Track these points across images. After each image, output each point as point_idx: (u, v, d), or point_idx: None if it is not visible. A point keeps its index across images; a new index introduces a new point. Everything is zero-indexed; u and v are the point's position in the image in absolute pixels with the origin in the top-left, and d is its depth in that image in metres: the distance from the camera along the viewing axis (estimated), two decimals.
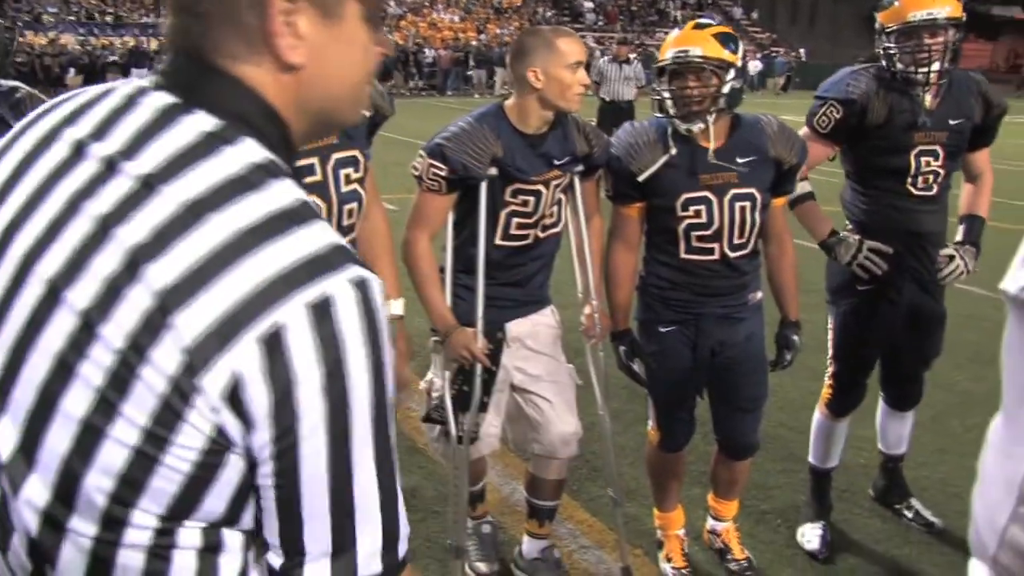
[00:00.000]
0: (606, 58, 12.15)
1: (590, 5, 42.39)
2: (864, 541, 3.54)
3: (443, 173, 2.67)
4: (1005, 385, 1.03)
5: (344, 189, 2.27)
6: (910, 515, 3.65)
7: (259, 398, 0.81)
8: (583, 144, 2.87)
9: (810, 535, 3.46)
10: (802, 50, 41.97)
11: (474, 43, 34.70)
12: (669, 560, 3.29)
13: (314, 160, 2.20)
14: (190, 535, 0.88)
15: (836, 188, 3.50)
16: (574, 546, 3.45)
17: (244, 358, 0.80)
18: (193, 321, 0.80)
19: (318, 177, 2.21)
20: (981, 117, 3.22)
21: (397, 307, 2.58)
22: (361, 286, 0.85)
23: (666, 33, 2.88)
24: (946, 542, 3.50)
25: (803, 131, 3.25)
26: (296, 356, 0.81)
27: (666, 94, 2.81)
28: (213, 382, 0.80)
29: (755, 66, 34.09)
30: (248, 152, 0.89)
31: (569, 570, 3.29)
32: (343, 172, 2.27)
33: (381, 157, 2.93)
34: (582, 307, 3.03)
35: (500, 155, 2.70)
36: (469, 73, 32.24)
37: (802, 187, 3.23)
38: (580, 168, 2.89)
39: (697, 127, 2.78)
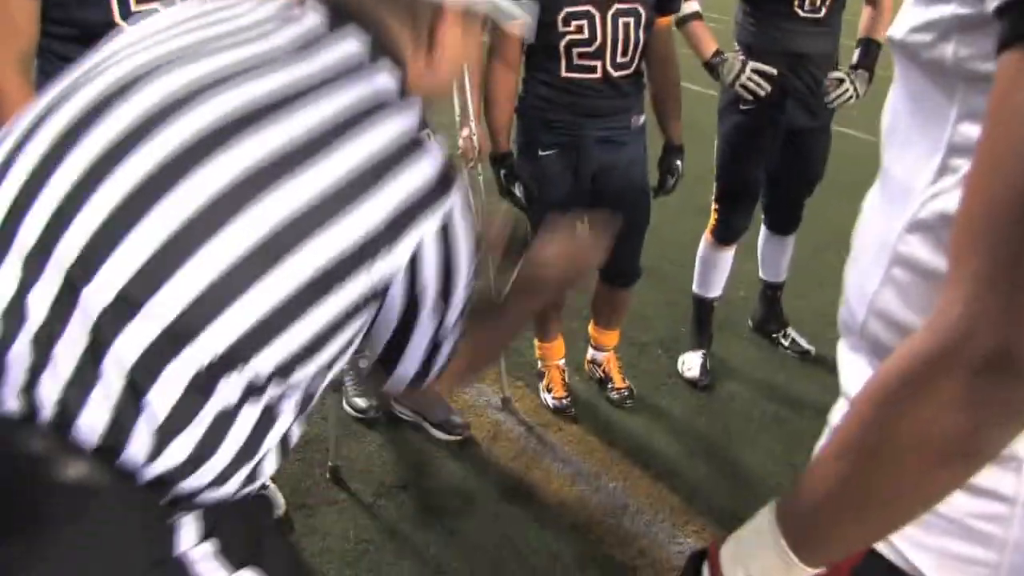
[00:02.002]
0: None
1: None
2: (742, 368, 3.59)
3: None
4: (884, 143, 0.94)
5: None
6: (786, 343, 3.71)
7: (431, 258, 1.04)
8: None
9: (691, 363, 3.49)
10: None
11: None
12: (550, 390, 3.27)
13: None
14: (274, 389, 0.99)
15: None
16: None
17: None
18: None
19: None
20: None
21: None
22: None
23: None
24: (819, 367, 3.57)
25: None
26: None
27: None
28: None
29: None
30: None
31: (449, 402, 3.24)
32: None
33: None
34: (460, 130, 2.89)
35: None
36: None
37: (689, 6, 3.11)
38: None
39: None
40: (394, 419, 3.15)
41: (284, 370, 0.97)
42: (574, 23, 2.69)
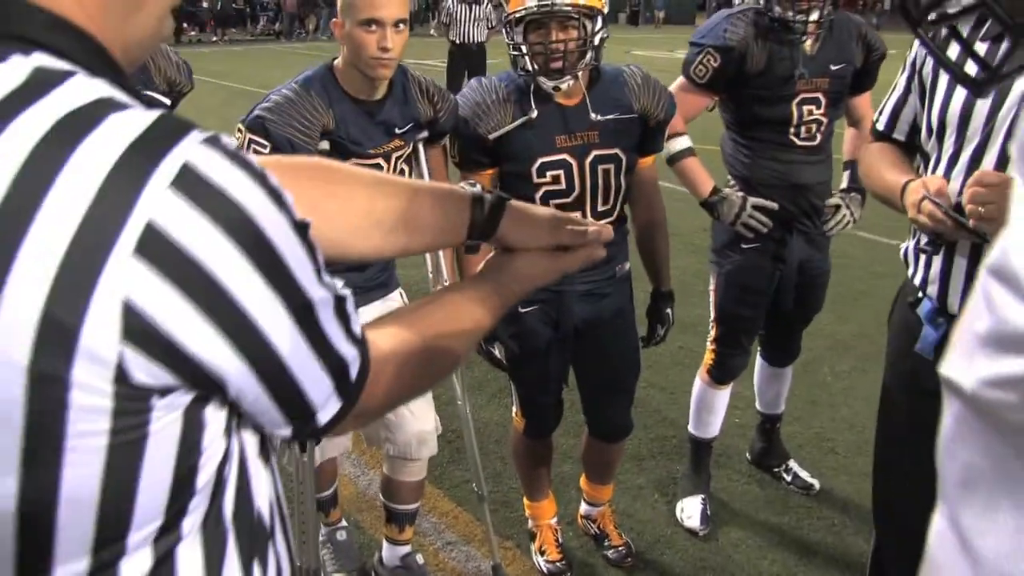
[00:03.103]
0: (451, 2, 11.47)
1: None
2: (744, 510, 3.37)
3: (266, 151, 2.27)
4: (947, 492, 0.76)
5: None
6: (788, 478, 3.51)
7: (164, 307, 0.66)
8: (427, 107, 2.52)
9: (690, 510, 3.28)
10: None
11: None
12: (543, 553, 3.04)
13: None
14: None
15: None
16: (439, 543, 3.17)
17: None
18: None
19: None
20: (862, 61, 3.02)
21: None
22: (213, 140, 0.70)
23: None
24: (825, 504, 3.38)
25: (679, 81, 2.98)
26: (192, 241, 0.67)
27: (523, 48, 2.47)
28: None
29: None
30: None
31: (435, 571, 3.01)
32: None
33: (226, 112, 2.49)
34: (433, 287, 2.71)
35: (332, 127, 2.33)
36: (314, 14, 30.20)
37: (679, 143, 2.97)
38: (424, 135, 2.55)
39: (565, 84, 2.46)
40: None
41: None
42: (549, 173, 2.55)
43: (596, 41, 2.46)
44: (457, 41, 10.92)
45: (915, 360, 2.03)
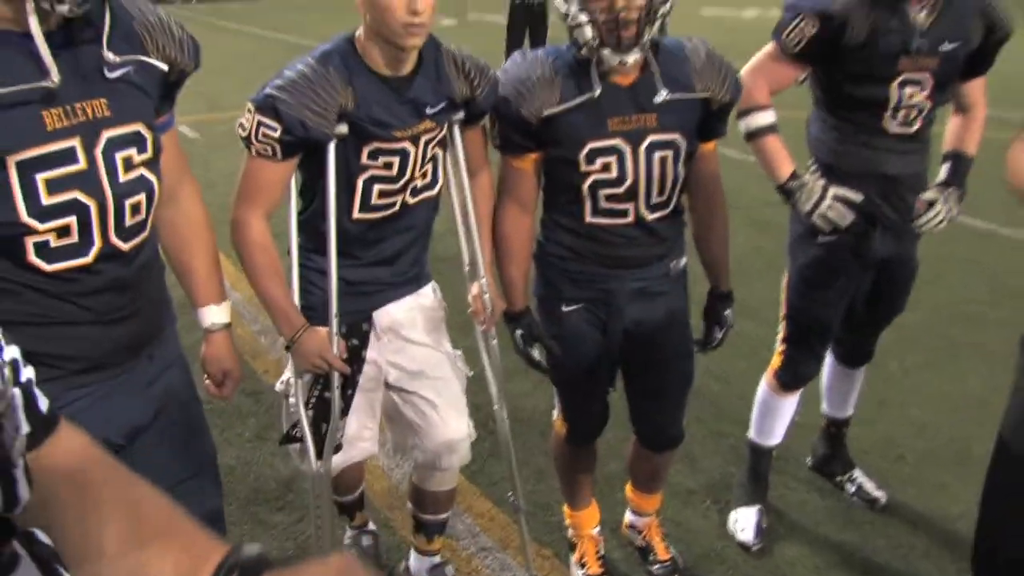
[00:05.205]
0: None
1: None
2: (802, 523, 3.12)
3: (276, 134, 2.04)
4: None
5: (124, 178, 1.64)
6: (852, 489, 3.24)
7: None
8: (463, 85, 2.25)
9: (744, 522, 3.03)
10: None
11: None
12: (583, 565, 2.83)
13: (73, 142, 1.56)
14: None
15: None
16: (473, 548, 2.97)
17: None
18: None
19: (81, 165, 1.58)
20: (980, 41, 2.63)
21: (219, 314, 2.01)
22: None
23: None
24: (891, 521, 3.12)
25: (768, 47, 2.67)
26: None
27: (584, 16, 2.16)
28: None
29: None
30: None
31: None
32: (120, 155, 1.63)
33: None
34: (469, 285, 2.48)
35: (351, 107, 2.09)
36: None
37: (761, 118, 2.68)
38: (460, 116, 2.29)
39: (632, 58, 2.17)
40: None
41: None
42: (600, 160, 2.28)
43: (666, 8, 2.17)
44: None
45: None
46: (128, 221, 1.66)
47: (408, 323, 2.39)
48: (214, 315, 2.00)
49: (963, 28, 2.58)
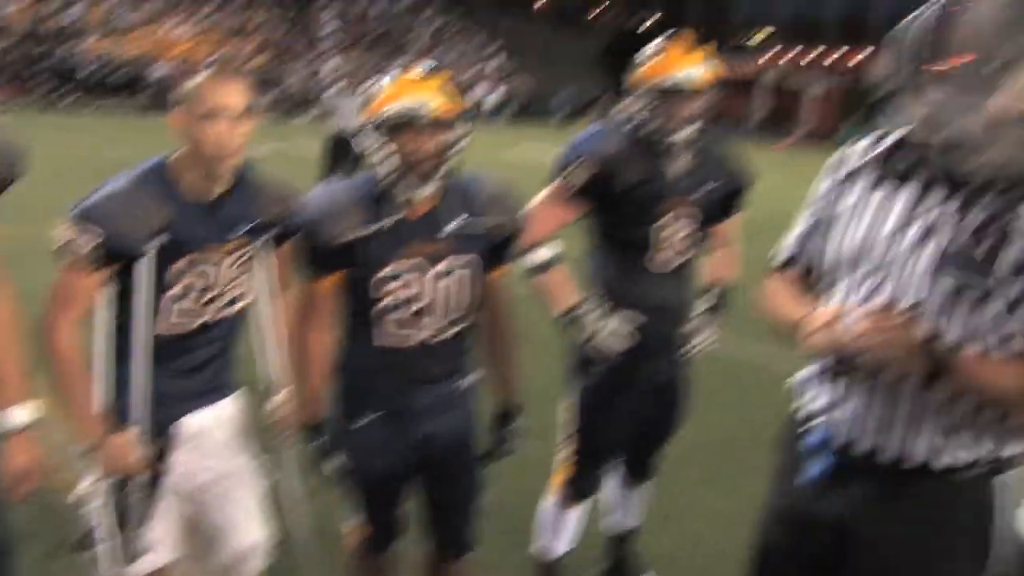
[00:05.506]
0: (333, 91, 11.77)
1: (331, 28, 41.04)
2: None
3: (90, 248, 2.18)
4: None
5: None
6: None
7: None
8: (272, 207, 2.45)
9: None
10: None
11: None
12: None
13: None
14: None
15: None
16: None
17: None
18: None
19: None
20: (732, 185, 3.07)
21: (20, 415, 2.07)
22: None
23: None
24: None
25: (551, 187, 2.98)
26: None
27: (384, 152, 2.40)
28: None
29: (491, 98, 34.44)
30: None
31: None
32: None
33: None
34: (270, 397, 2.61)
35: (165, 224, 2.24)
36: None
37: (542, 254, 2.96)
38: (269, 235, 2.48)
39: (428, 190, 2.43)
40: None
41: None
42: (396, 281, 2.49)
43: (462, 144, 2.45)
44: (335, 128, 11.09)
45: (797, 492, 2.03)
46: None
47: (210, 432, 2.49)
48: (13, 418, 2.06)
49: (720, 171, 3.01)
